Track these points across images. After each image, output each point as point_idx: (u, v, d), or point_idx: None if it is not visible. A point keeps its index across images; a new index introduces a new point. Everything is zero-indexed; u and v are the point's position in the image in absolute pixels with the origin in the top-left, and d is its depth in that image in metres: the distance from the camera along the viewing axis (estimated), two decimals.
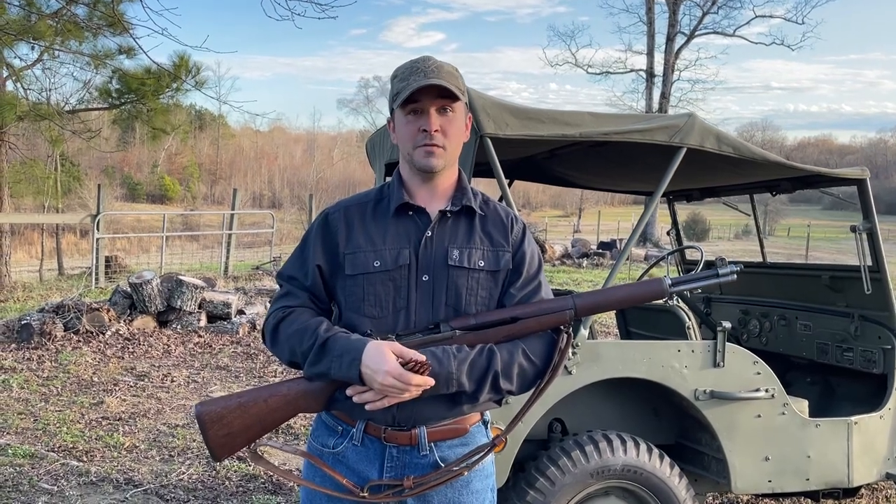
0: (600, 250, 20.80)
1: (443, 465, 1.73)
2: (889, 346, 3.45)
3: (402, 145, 1.76)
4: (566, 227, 41.10)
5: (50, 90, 13.24)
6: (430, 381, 1.60)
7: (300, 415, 2.12)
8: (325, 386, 1.69)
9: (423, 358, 1.60)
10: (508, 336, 1.71)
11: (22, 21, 10.43)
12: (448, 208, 1.76)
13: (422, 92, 1.68)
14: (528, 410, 1.80)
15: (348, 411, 1.72)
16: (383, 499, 1.71)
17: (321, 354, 1.65)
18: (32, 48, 11.70)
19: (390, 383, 1.58)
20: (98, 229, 11.92)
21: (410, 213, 1.76)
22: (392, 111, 1.77)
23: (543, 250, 19.21)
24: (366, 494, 1.69)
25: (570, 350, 2.82)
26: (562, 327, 1.76)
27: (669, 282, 1.89)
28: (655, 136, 3.04)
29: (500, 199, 3.15)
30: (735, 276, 1.94)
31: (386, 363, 1.58)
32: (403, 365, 1.58)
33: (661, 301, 4.45)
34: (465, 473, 1.73)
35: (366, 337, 1.65)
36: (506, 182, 3.01)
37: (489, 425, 1.86)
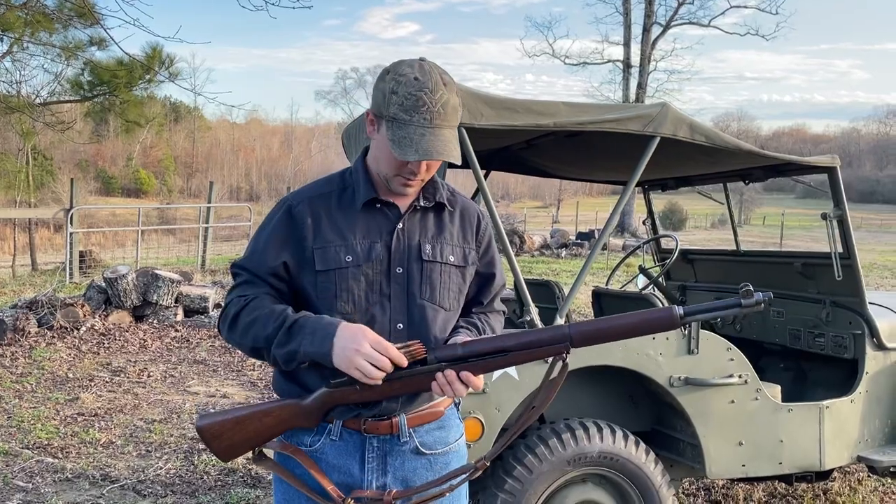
0: (579, 241, 20.90)
1: (423, 450, 1.75)
2: (859, 332, 3.50)
3: (380, 163, 1.69)
4: (545, 218, 41.21)
5: (20, 82, 13.07)
6: (404, 361, 1.58)
7: None
8: (318, 406, 1.66)
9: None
10: (498, 367, 1.68)
11: None
12: (421, 203, 1.75)
13: None
14: (514, 438, 1.75)
15: None
16: None
17: (290, 335, 1.61)
18: (1, 40, 11.51)
19: (367, 351, 1.55)
20: (72, 224, 11.75)
21: (379, 205, 1.73)
22: (380, 114, 1.64)
23: (522, 241, 19.30)
24: (351, 502, 1.69)
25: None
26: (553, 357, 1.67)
27: (681, 312, 1.68)
28: (629, 126, 3.05)
29: (476, 192, 3.16)
30: (762, 305, 1.66)
31: (365, 337, 1.56)
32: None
33: (636, 288, 4.50)
34: (447, 494, 1.74)
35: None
36: (482, 173, 3.01)
37: (460, 406, 1.90)
